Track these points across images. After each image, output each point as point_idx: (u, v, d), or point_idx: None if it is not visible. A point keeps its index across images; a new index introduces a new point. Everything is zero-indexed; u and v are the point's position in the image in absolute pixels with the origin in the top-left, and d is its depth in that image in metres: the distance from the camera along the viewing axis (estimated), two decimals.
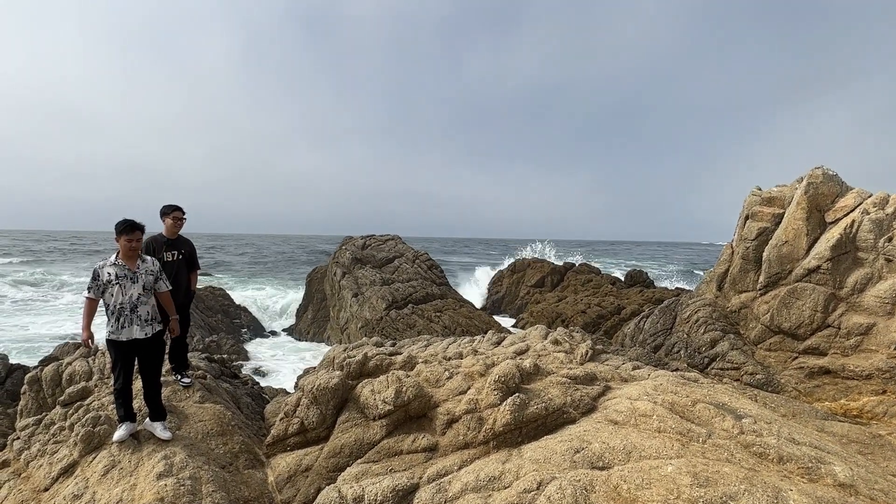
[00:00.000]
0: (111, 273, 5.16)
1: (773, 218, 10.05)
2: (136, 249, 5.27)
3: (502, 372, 5.63)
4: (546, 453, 4.68)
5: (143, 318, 5.26)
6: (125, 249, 5.20)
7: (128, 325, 5.16)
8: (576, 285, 29.42)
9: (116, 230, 5.19)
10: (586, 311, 22.25)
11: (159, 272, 5.50)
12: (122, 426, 5.40)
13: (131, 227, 5.22)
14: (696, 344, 9.74)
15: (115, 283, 5.14)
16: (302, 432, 5.88)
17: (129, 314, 5.16)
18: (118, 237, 5.20)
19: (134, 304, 5.19)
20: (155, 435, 5.39)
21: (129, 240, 5.18)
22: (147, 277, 5.34)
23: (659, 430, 4.99)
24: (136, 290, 5.22)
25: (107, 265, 5.21)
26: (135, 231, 5.24)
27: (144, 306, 5.28)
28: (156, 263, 5.52)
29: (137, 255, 5.34)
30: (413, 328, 19.23)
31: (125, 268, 5.21)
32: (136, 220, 5.30)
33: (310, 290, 28.56)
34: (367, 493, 4.58)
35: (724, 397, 6.05)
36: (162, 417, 5.54)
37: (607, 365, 7.36)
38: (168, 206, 6.46)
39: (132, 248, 5.21)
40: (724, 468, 4.13)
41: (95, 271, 5.18)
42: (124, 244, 5.18)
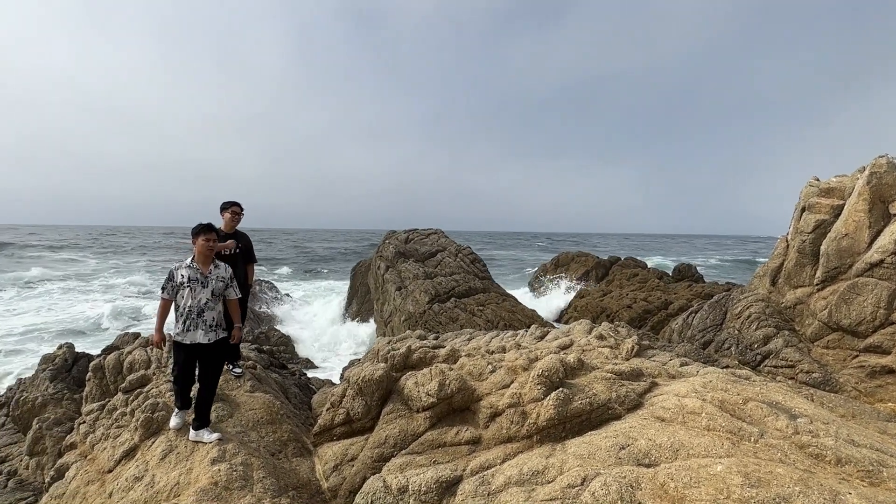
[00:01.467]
0: (184, 275, 5.21)
1: (832, 210, 9.59)
2: (212, 250, 5.32)
3: (546, 366, 5.60)
4: (590, 449, 4.63)
5: (208, 324, 5.26)
6: (202, 250, 5.24)
7: (193, 328, 5.19)
8: (621, 280, 28.87)
9: (193, 232, 5.26)
10: (632, 306, 21.81)
11: (230, 279, 5.51)
12: (178, 413, 5.58)
13: (209, 228, 5.28)
14: (748, 340, 9.42)
15: (186, 285, 5.18)
16: (347, 422, 6.00)
17: (195, 318, 5.19)
18: (195, 238, 5.25)
19: (201, 309, 5.21)
20: (202, 441, 5.34)
21: (207, 239, 5.23)
22: (217, 283, 5.36)
23: (708, 428, 4.87)
24: (205, 294, 5.25)
25: (182, 267, 5.26)
26: (211, 231, 5.30)
27: (211, 312, 5.29)
28: (228, 270, 5.55)
29: (212, 259, 5.39)
30: (456, 322, 19.29)
31: (198, 271, 5.25)
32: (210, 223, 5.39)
33: (354, 283, 29.02)
34: (412, 483, 4.65)
35: (777, 396, 5.84)
36: (207, 424, 5.53)
37: (654, 361, 7.22)
38: (227, 201, 6.68)
39: (210, 247, 5.27)
40: (777, 469, 4.00)
41: (171, 272, 5.25)
42: (201, 244, 5.22)
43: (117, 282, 44.65)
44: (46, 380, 8.98)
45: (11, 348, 21.26)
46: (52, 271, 50.15)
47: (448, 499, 4.56)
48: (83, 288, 40.41)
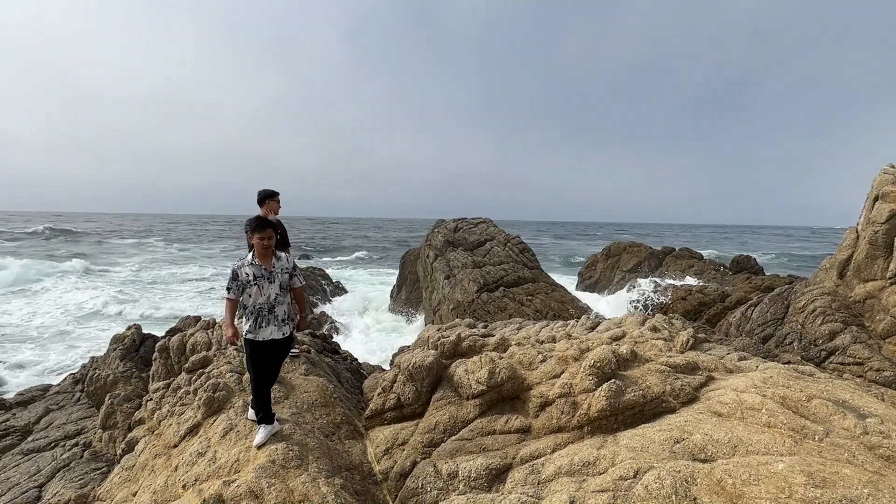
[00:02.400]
0: (249, 273, 5.08)
1: None
2: (269, 248, 5.16)
3: (598, 357, 5.52)
4: (643, 442, 4.56)
5: (280, 318, 5.19)
6: (259, 248, 5.11)
7: (265, 324, 5.10)
8: (675, 271, 28.05)
9: (249, 228, 5.17)
10: (686, 298, 21.17)
11: (293, 268, 5.38)
12: (263, 428, 5.21)
13: (262, 225, 5.12)
14: (812, 336, 9.01)
15: (253, 283, 5.07)
16: (398, 407, 6.11)
17: (267, 314, 5.10)
18: (251, 235, 5.15)
19: (272, 305, 5.12)
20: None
21: (262, 237, 5.07)
22: (283, 276, 5.24)
23: (768, 424, 4.69)
24: (274, 289, 5.15)
25: (245, 265, 5.13)
26: (266, 229, 5.12)
27: (281, 306, 5.21)
28: (290, 259, 5.42)
29: (272, 253, 5.24)
30: (504, 311, 19.24)
31: (261, 267, 5.12)
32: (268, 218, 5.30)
33: (403, 271, 29.34)
34: (462, 469, 4.70)
35: (844, 394, 5.57)
36: (271, 421, 5.35)
37: (710, 354, 7.01)
38: (268, 191, 6.77)
39: (265, 245, 5.11)
40: (843, 469, 3.82)
41: (234, 271, 5.10)
42: (257, 242, 5.09)
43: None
44: (117, 358, 9.53)
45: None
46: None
47: (497, 486, 4.59)
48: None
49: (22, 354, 18.67)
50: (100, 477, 6.38)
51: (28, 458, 7.37)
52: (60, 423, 8.49)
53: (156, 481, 5.23)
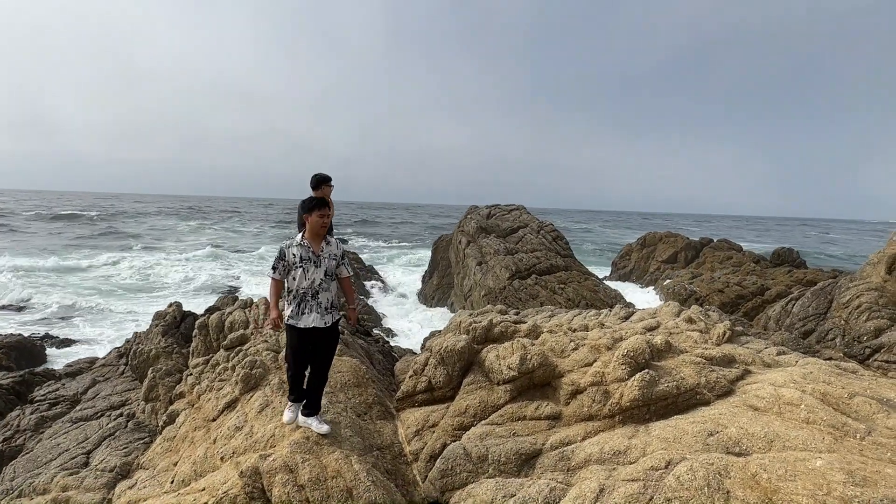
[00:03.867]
0: (296, 254, 4.80)
1: None
2: (326, 227, 4.90)
3: (631, 346, 5.47)
4: (676, 433, 4.51)
5: (324, 306, 4.86)
6: (315, 227, 4.82)
7: (307, 311, 4.80)
8: (713, 262, 27.43)
9: (306, 207, 4.86)
10: (724, 291, 20.70)
11: (342, 256, 5.07)
12: (290, 407, 5.14)
13: (323, 202, 4.85)
14: (857, 332, 8.72)
15: (298, 265, 4.79)
16: (429, 390, 6.18)
17: (310, 300, 4.81)
18: (308, 214, 4.82)
19: (315, 291, 4.82)
20: (312, 429, 4.99)
21: (322, 215, 4.80)
22: (330, 262, 4.93)
23: (807, 420, 4.59)
24: (319, 275, 4.84)
25: (293, 245, 4.86)
26: (326, 206, 4.86)
27: (326, 293, 4.89)
28: (339, 246, 5.12)
29: (324, 236, 4.96)
30: (536, 299, 19.16)
31: (310, 250, 4.82)
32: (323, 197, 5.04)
33: (435, 257, 29.45)
34: (492, 453, 4.74)
35: (889, 392, 5.38)
36: (318, 411, 5.14)
37: (747, 348, 6.86)
38: (322, 175, 6.83)
39: (324, 224, 4.84)
40: (886, 469, 3.71)
41: (282, 250, 4.85)
42: (315, 221, 4.80)
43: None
44: (159, 334, 9.88)
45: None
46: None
47: (527, 471, 4.61)
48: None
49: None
50: (143, 446, 6.66)
51: (76, 426, 7.73)
52: (106, 394, 8.87)
53: (195, 452, 5.44)
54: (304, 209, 4.87)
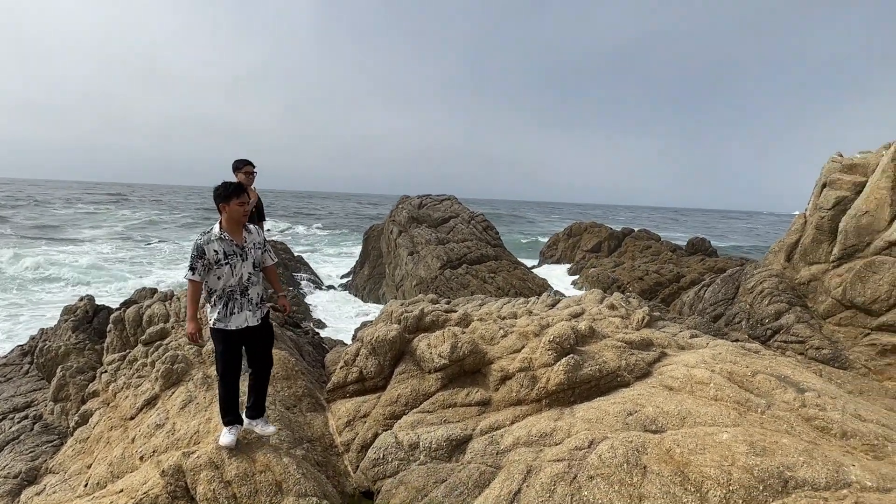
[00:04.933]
0: (218, 250, 4.24)
1: (854, 187, 9.44)
2: (247, 216, 4.43)
3: (557, 332, 5.67)
4: (598, 414, 4.73)
5: (255, 302, 4.43)
6: (236, 217, 4.29)
7: (238, 310, 4.32)
8: (634, 251, 28.78)
9: (222, 194, 4.25)
10: (644, 278, 21.80)
11: (264, 243, 4.64)
12: (230, 430, 4.48)
13: (241, 188, 4.34)
14: (760, 315, 9.44)
15: (224, 262, 4.24)
16: (360, 381, 6.15)
17: (239, 298, 4.33)
18: (226, 202, 4.24)
19: (245, 287, 4.36)
20: (256, 432, 4.64)
21: (242, 203, 4.27)
22: (256, 252, 4.48)
23: (716, 398, 4.94)
24: (247, 268, 4.37)
25: (212, 240, 4.25)
26: (244, 193, 4.34)
27: (255, 287, 4.45)
28: (260, 233, 4.66)
29: (244, 224, 4.46)
30: (467, 288, 19.42)
31: (233, 243, 4.30)
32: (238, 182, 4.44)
33: (366, 247, 29.19)
34: (423, 440, 4.79)
35: (786, 370, 5.88)
36: (263, 413, 4.74)
37: (664, 332, 7.27)
38: (241, 160, 6.60)
39: (245, 213, 4.35)
40: (782, 439, 4.07)
41: (200, 247, 4.20)
42: (235, 210, 4.26)
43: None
44: (69, 330, 9.24)
45: None
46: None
47: (458, 456, 4.70)
48: None
49: None
50: (52, 450, 6.24)
51: None
52: (8, 395, 8.22)
53: (112, 453, 5.16)
54: (221, 197, 4.25)
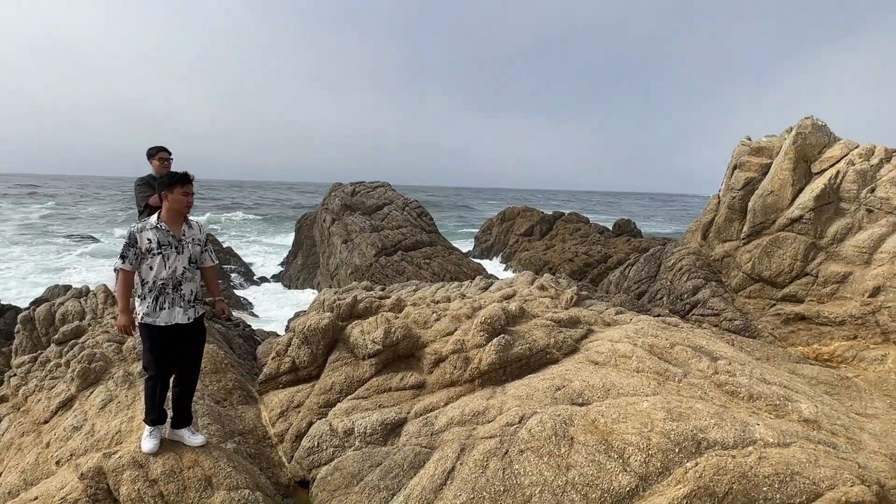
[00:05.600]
0: (152, 239, 4.06)
1: (761, 168, 10.10)
2: (190, 207, 4.25)
3: (488, 314, 5.79)
4: (529, 390, 4.89)
5: (187, 299, 4.24)
6: (179, 207, 4.14)
7: (168, 306, 4.13)
8: (564, 234, 29.64)
9: (166, 182, 4.12)
10: (573, 260, 22.53)
11: (205, 241, 4.47)
12: (152, 432, 4.26)
13: (186, 178, 4.15)
14: (679, 291, 9.97)
15: (156, 252, 4.06)
16: (293, 371, 6.05)
17: (170, 293, 4.13)
18: (169, 190, 4.08)
19: (178, 281, 4.16)
20: (185, 443, 4.36)
21: (186, 192, 4.11)
22: (194, 248, 4.29)
23: (637, 370, 5.21)
24: (182, 262, 4.18)
25: (147, 228, 4.08)
26: (188, 183, 4.16)
27: (190, 283, 4.25)
28: (203, 230, 4.50)
29: (185, 218, 4.30)
30: (402, 275, 19.42)
31: (169, 233, 4.13)
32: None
33: (299, 236, 28.58)
34: (357, 426, 4.79)
35: (701, 341, 6.28)
36: (189, 421, 4.52)
37: (591, 310, 7.56)
38: (154, 147, 6.29)
39: (189, 203, 4.18)
40: (696, 405, 4.35)
41: (133, 235, 4.03)
42: (178, 200, 4.10)
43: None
44: None
45: None
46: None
47: (393, 439, 4.74)
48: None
49: None
50: None
51: None
52: None
53: (24, 460, 4.85)
54: (164, 185, 4.09)
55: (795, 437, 3.97)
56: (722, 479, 3.52)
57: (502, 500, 3.68)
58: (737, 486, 3.49)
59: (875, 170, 8.61)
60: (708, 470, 3.57)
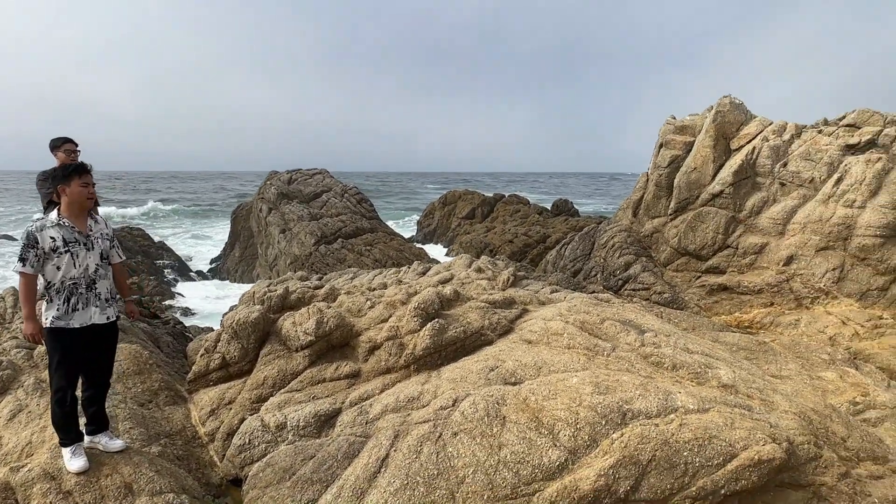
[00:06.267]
0: (56, 237, 3.78)
1: (685, 146, 10.51)
2: (92, 199, 4.02)
3: (422, 299, 5.77)
4: (463, 373, 4.91)
5: (104, 297, 3.99)
6: (79, 200, 3.87)
7: (83, 306, 3.86)
8: (504, 216, 30.00)
9: (60, 175, 3.87)
10: (513, 241, 22.86)
11: (112, 236, 4.20)
12: (72, 450, 3.92)
13: (84, 168, 3.91)
14: (612, 267, 10.28)
15: (63, 250, 3.78)
16: (224, 367, 5.86)
17: (84, 292, 3.87)
18: (66, 184, 3.81)
19: (91, 279, 3.91)
20: (107, 451, 4.12)
21: (85, 183, 3.86)
22: (104, 242, 4.04)
23: (568, 346, 5.32)
24: (93, 259, 3.93)
25: (48, 226, 3.79)
26: (87, 173, 3.90)
27: (104, 281, 4.01)
28: (109, 225, 4.27)
29: (88, 212, 4.05)
30: (343, 263, 19.15)
31: (74, 230, 3.86)
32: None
33: (235, 227, 27.65)
34: (290, 419, 4.68)
35: (631, 315, 6.48)
36: (107, 426, 4.26)
37: (527, 290, 7.67)
38: (58, 138, 5.86)
39: (90, 195, 3.93)
40: (623, 377, 4.49)
41: (31, 235, 3.74)
42: (78, 192, 3.83)
43: None
44: None
45: None
46: None
47: (327, 431, 4.66)
48: None
49: None
50: None
51: None
52: None
53: None
54: (59, 178, 3.82)
55: (714, 402, 4.16)
56: (646, 447, 3.65)
57: (436, 483, 3.69)
58: (659, 452, 3.63)
59: (787, 145, 9.11)
60: (633, 439, 3.69)
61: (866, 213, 7.90)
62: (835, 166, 8.60)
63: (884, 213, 7.76)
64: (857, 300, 7.81)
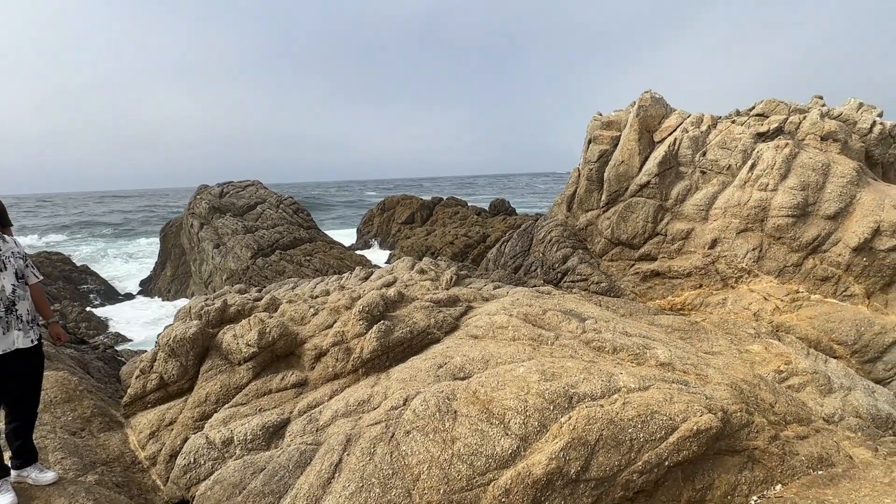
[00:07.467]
0: None
1: (612, 140, 10.91)
2: None
3: (367, 302, 5.73)
4: (412, 372, 4.92)
5: (26, 319, 3.77)
6: None
7: (3, 330, 3.64)
8: (444, 219, 30.20)
9: None
10: (454, 242, 23.04)
11: (24, 255, 3.99)
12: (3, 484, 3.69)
13: None
14: (551, 261, 10.53)
15: None
16: (162, 387, 5.61)
17: (4, 315, 3.65)
18: None
19: (10, 301, 3.69)
20: (37, 484, 3.85)
21: None
22: (17, 262, 3.84)
23: (514, 338, 5.43)
24: (9, 280, 3.73)
25: None
26: None
27: (24, 302, 3.79)
28: (19, 244, 4.03)
29: None
30: (283, 274, 18.71)
31: None
32: None
33: (165, 245, 26.49)
34: (237, 434, 4.54)
35: (571, 305, 6.68)
36: (35, 458, 3.97)
37: (470, 288, 7.77)
38: None
39: None
40: (567, 363, 4.62)
41: None
42: None
43: None
44: None
45: None
46: None
47: (277, 442, 4.56)
48: None
49: None
50: None
51: None
52: None
53: None
54: None
55: (653, 380, 4.36)
56: (593, 427, 3.77)
57: (392, 482, 3.68)
58: (606, 432, 3.77)
59: (705, 135, 9.63)
60: (580, 422, 3.81)
61: (778, 196, 8.46)
62: (748, 153, 9.17)
63: (794, 194, 8.34)
64: (776, 277, 8.35)
